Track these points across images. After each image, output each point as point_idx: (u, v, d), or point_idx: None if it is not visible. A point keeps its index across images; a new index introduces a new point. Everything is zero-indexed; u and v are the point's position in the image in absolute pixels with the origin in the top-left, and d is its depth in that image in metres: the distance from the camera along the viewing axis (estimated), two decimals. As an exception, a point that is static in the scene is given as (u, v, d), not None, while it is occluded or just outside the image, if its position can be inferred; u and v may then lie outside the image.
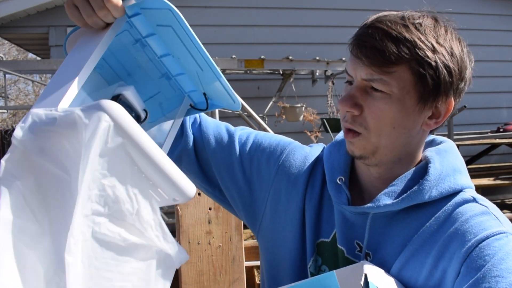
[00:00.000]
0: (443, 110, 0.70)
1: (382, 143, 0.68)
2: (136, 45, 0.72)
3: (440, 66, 0.65)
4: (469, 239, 0.62)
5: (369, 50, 0.64)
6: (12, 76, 9.27)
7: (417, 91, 0.66)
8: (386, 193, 0.70)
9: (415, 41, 0.64)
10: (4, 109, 6.57)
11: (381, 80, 0.64)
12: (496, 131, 5.31)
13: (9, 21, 4.83)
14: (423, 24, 0.67)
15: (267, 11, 5.40)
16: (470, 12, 5.93)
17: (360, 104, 0.67)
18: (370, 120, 0.67)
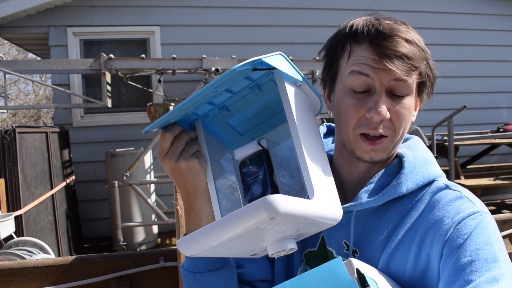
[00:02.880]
0: (418, 102, 0.76)
1: (398, 141, 0.74)
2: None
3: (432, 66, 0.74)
4: (447, 223, 0.66)
5: (399, 57, 0.68)
6: (12, 76, 9.28)
7: (417, 89, 0.73)
8: (365, 190, 0.74)
9: (421, 45, 0.72)
10: (4, 109, 6.57)
11: (406, 84, 0.70)
12: (496, 131, 5.31)
13: (9, 21, 4.83)
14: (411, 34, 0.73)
15: (267, 11, 5.40)
16: (470, 12, 5.93)
17: (390, 109, 0.71)
18: (396, 123, 0.71)
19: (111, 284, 1.12)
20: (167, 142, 0.70)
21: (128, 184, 4.09)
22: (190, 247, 0.61)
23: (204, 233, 0.59)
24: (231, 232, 0.56)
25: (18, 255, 2.70)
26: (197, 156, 0.70)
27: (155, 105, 4.43)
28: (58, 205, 4.12)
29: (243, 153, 0.71)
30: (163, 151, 0.70)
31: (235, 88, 0.69)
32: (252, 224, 0.54)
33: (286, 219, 0.55)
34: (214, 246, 0.59)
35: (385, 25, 0.71)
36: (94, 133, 5.00)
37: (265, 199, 0.53)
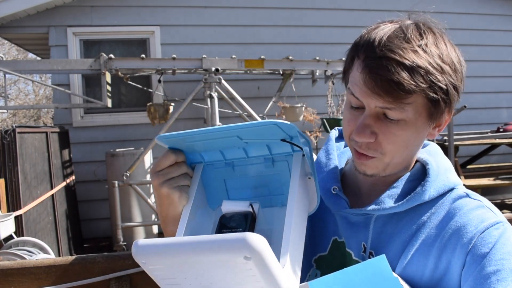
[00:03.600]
0: (444, 119, 0.73)
1: (394, 162, 0.72)
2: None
3: (450, 88, 0.66)
4: (470, 231, 0.67)
5: (386, 83, 0.63)
6: (12, 76, 9.28)
7: (428, 112, 0.68)
8: (389, 195, 0.74)
9: (427, 67, 0.64)
10: (4, 109, 6.57)
11: (398, 109, 0.65)
12: (496, 131, 5.31)
13: (9, 21, 4.83)
14: (428, 44, 0.67)
15: (267, 11, 5.40)
16: (470, 12, 5.93)
17: (375, 131, 0.68)
18: (385, 146, 0.69)
19: (111, 284, 1.12)
20: (167, 162, 0.70)
21: (128, 184, 4.09)
22: (145, 249, 0.57)
23: (167, 242, 0.56)
24: (199, 252, 0.54)
25: (18, 255, 2.70)
26: (181, 190, 0.70)
27: (155, 105, 4.43)
28: (58, 205, 4.12)
29: (231, 208, 0.68)
30: (158, 167, 0.71)
31: (252, 151, 0.70)
32: (225, 252, 0.52)
33: (257, 264, 0.52)
34: (170, 262, 0.56)
35: (385, 41, 0.66)
36: (94, 133, 5.00)
37: (246, 235, 0.52)
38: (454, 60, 0.69)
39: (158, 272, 0.59)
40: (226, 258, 0.53)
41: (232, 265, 0.54)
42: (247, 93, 5.07)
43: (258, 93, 5.30)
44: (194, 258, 0.54)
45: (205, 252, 0.53)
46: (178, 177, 0.71)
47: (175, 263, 0.56)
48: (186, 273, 0.57)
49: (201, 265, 0.55)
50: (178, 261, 0.56)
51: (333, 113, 4.85)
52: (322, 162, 0.85)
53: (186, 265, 0.56)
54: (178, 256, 0.55)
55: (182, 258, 0.55)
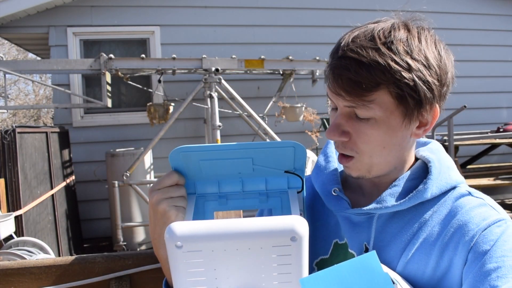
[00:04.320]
0: (429, 118, 0.72)
1: (375, 162, 0.72)
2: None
3: (419, 84, 0.66)
4: (472, 229, 0.67)
5: (346, 82, 0.65)
6: (12, 76, 9.28)
7: (400, 111, 0.68)
8: (390, 193, 0.73)
9: (389, 64, 0.64)
10: (4, 109, 6.57)
11: (363, 107, 0.66)
12: (496, 131, 5.31)
13: (9, 21, 4.83)
14: (395, 41, 0.66)
15: (267, 11, 5.40)
16: (470, 12, 5.93)
17: (347, 130, 0.70)
18: (360, 145, 0.70)
19: (111, 284, 1.12)
20: (169, 182, 0.70)
21: (128, 184, 4.09)
22: (186, 231, 0.55)
23: (212, 224, 0.56)
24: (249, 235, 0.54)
25: (18, 255, 2.70)
26: (178, 210, 0.70)
27: (155, 105, 4.43)
28: (58, 205, 4.12)
29: None
30: (159, 185, 0.70)
31: (249, 185, 0.71)
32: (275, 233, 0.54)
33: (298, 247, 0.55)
34: (212, 246, 0.55)
35: (349, 41, 0.67)
36: (94, 133, 5.00)
37: (295, 218, 0.55)
38: (429, 56, 0.67)
39: (191, 259, 0.56)
40: (273, 241, 0.54)
41: (273, 249, 0.55)
42: (247, 93, 5.07)
43: (258, 93, 5.30)
44: (240, 242, 0.54)
45: (255, 236, 0.54)
46: (176, 198, 0.70)
47: (217, 247, 0.55)
48: (221, 260, 0.56)
49: (242, 250, 0.55)
50: (219, 245, 0.55)
51: (333, 113, 4.84)
52: (322, 165, 0.85)
53: (226, 250, 0.55)
54: (223, 240, 0.54)
55: (227, 242, 0.55)
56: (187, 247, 0.55)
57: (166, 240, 0.55)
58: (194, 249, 0.55)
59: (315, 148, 4.95)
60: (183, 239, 0.55)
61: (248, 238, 0.54)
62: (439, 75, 0.68)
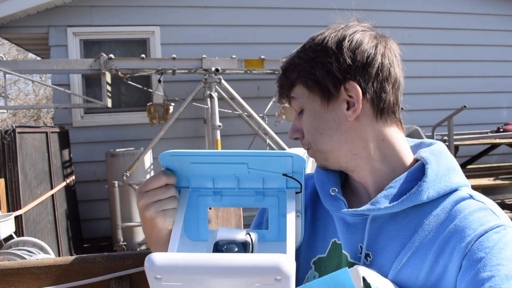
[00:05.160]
0: (354, 95, 0.73)
1: (323, 149, 0.77)
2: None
3: (315, 67, 0.74)
4: (468, 234, 0.65)
5: (278, 89, 0.81)
6: (12, 76, 9.27)
7: (315, 95, 0.76)
8: (385, 195, 0.72)
9: (295, 61, 0.77)
10: (4, 109, 6.57)
11: (293, 103, 0.79)
12: (496, 131, 5.31)
13: (9, 21, 4.83)
14: (307, 42, 0.80)
15: (267, 11, 5.40)
16: (470, 12, 5.93)
17: (300, 128, 0.80)
18: (306, 136, 0.79)
19: (111, 284, 1.12)
20: (156, 184, 0.69)
21: (128, 184, 4.09)
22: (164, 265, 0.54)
23: (191, 260, 0.54)
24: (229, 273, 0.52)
25: (18, 255, 2.70)
26: (165, 215, 0.68)
27: (155, 105, 4.43)
28: (58, 205, 4.12)
29: (227, 236, 0.65)
30: (146, 188, 0.69)
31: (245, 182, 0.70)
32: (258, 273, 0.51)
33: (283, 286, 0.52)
34: (190, 279, 0.53)
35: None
36: (94, 133, 5.00)
37: (280, 258, 0.53)
38: (330, 41, 0.75)
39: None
40: (256, 280, 0.53)
41: (257, 286, 0.53)
42: (247, 93, 5.07)
43: (258, 93, 5.30)
44: (221, 278, 0.52)
45: (236, 273, 0.52)
46: (164, 200, 0.69)
47: (196, 280, 0.53)
48: None
49: (223, 284, 0.54)
50: (199, 279, 0.53)
51: (333, 113, 4.85)
52: (320, 170, 0.85)
53: (207, 283, 0.54)
54: (203, 275, 0.53)
55: (207, 277, 0.53)
56: (166, 279, 0.54)
57: (146, 269, 0.54)
58: (174, 281, 0.54)
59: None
60: (162, 272, 0.53)
61: (230, 274, 0.52)
62: (339, 56, 0.73)
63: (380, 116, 0.75)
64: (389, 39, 0.78)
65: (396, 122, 0.77)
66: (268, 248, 0.68)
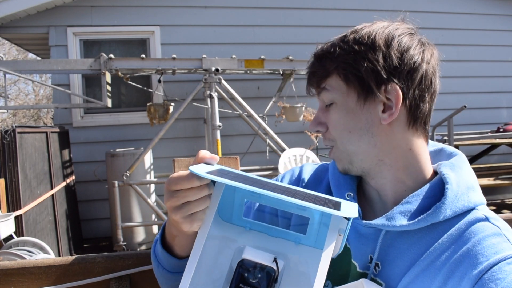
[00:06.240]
0: (393, 99, 0.71)
1: (349, 149, 0.74)
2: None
3: (359, 62, 0.70)
4: (481, 262, 0.63)
5: (309, 76, 0.78)
6: (12, 76, 9.27)
7: (353, 92, 0.72)
8: (401, 212, 0.70)
9: (335, 50, 0.73)
10: (4, 109, 6.57)
11: (323, 93, 0.75)
12: (496, 131, 5.31)
13: (9, 21, 4.83)
14: (349, 34, 0.74)
15: (267, 11, 5.40)
16: (470, 12, 5.93)
17: (324, 121, 0.76)
18: (332, 132, 0.75)
19: (111, 284, 1.12)
20: (188, 185, 0.60)
21: (128, 184, 4.09)
22: None
23: None
24: None
25: (18, 255, 2.70)
26: (192, 220, 0.62)
27: (155, 105, 4.43)
28: (58, 205, 4.12)
29: (252, 257, 0.61)
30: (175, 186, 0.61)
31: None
32: None
33: None
34: None
35: (324, 43, 0.78)
36: (94, 133, 5.00)
37: None
38: (377, 38, 0.71)
39: None
40: None
41: None
42: (247, 93, 5.07)
43: (258, 93, 5.30)
44: None
45: None
46: (194, 202, 0.62)
47: None
48: None
49: None
50: None
51: (333, 113, 4.85)
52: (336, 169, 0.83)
53: None
54: None
55: None
56: None
57: None
58: None
59: (315, 148, 4.95)
60: None
61: None
62: (386, 54, 0.70)
63: (413, 125, 0.73)
64: (434, 47, 0.76)
65: (424, 134, 0.76)
66: (302, 253, 0.64)
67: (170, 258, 0.79)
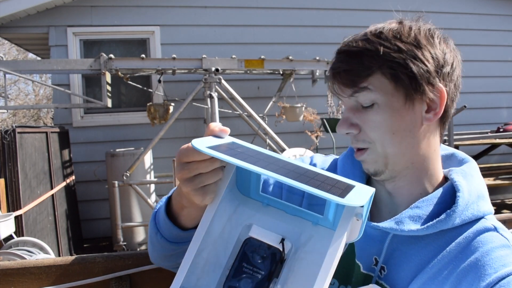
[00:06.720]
0: (436, 99, 0.70)
1: (389, 151, 0.70)
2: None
3: (410, 61, 0.67)
4: (489, 274, 0.62)
5: (341, 74, 0.69)
6: (12, 76, 9.27)
7: (400, 91, 0.68)
8: (410, 216, 0.69)
9: (378, 48, 0.67)
10: (4, 109, 6.57)
11: (362, 93, 0.68)
12: (496, 131, 5.31)
13: (9, 21, 4.83)
14: (385, 30, 0.69)
15: (267, 11, 5.40)
16: (470, 12, 5.93)
17: (356, 122, 0.70)
18: (369, 133, 0.70)
19: (111, 284, 1.12)
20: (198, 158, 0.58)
21: (128, 184, 4.09)
22: None
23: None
24: None
25: (18, 255, 2.70)
26: (205, 192, 0.60)
27: (155, 105, 4.43)
28: (58, 205, 4.12)
29: (259, 235, 0.60)
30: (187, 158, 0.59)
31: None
32: None
33: None
34: None
35: (347, 40, 0.71)
36: (94, 133, 5.00)
37: None
38: (419, 38, 0.69)
39: None
40: None
41: None
42: (247, 93, 5.07)
43: (258, 93, 5.30)
44: None
45: None
46: (206, 174, 0.59)
47: None
48: None
49: None
50: None
51: (333, 113, 4.85)
52: (348, 168, 0.82)
53: None
54: None
55: None
56: None
57: None
58: None
59: (315, 148, 4.95)
60: None
61: None
62: (433, 53, 0.69)
63: (443, 124, 0.73)
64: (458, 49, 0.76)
65: (442, 136, 0.75)
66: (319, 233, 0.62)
67: (173, 228, 0.75)
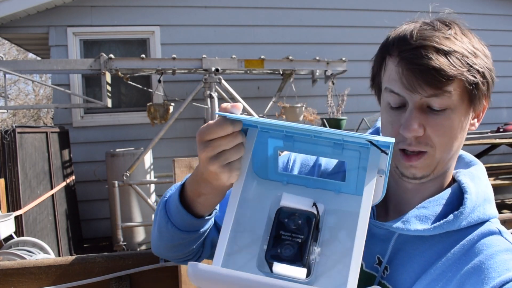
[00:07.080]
0: (481, 108, 0.71)
1: (443, 157, 0.69)
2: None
3: (486, 71, 0.66)
4: (493, 277, 0.62)
5: (426, 72, 0.63)
6: (12, 76, 9.27)
7: (468, 98, 0.66)
8: (417, 216, 0.69)
9: (463, 51, 0.64)
10: (4, 109, 6.57)
11: (441, 97, 0.64)
12: (496, 131, 5.31)
13: (9, 21, 4.83)
14: (457, 32, 0.67)
15: (267, 11, 5.40)
16: (470, 12, 5.93)
17: (422, 124, 0.66)
18: (434, 138, 0.67)
19: (111, 284, 1.12)
20: (222, 132, 0.58)
21: (128, 184, 4.09)
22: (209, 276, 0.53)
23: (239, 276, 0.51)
24: None
25: (18, 255, 2.70)
26: (231, 168, 0.60)
27: (155, 105, 4.43)
28: (58, 205, 4.12)
29: (291, 203, 0.59)
30: (209, 136, 0.59)
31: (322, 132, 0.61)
32: None
33: None
34: None
35: (417, 33, 0.66)
36: (94, 133, 5.00)
37: None
38: (484, 48, 0.69)
39: None
40: None
41: None
42: (247, 93, 5.07)
43: (258, 93, 5.30)
44: None
45: None
46: (230, 150, 0.59)
47: None
48: None
49: None
50: None
51: (333, 113, 4.85)
52: None
53: None
54: None
55: None
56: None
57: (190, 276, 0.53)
58: None
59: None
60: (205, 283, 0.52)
61: None
62: (491, 63, 0.69)
63: None
64: None
65: None
66: (343, 202, 0.62)
67: (186, 216, 0.74)
